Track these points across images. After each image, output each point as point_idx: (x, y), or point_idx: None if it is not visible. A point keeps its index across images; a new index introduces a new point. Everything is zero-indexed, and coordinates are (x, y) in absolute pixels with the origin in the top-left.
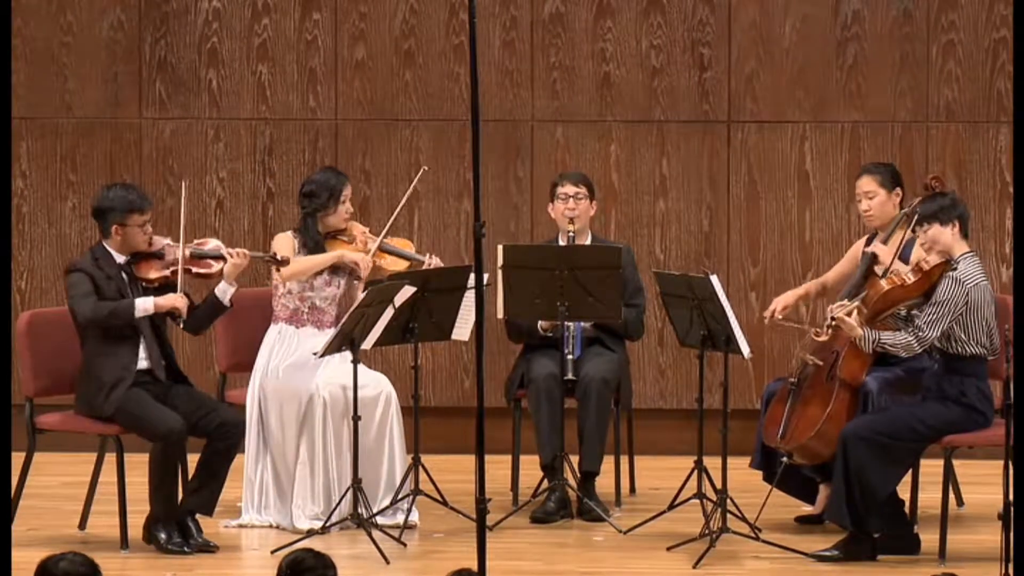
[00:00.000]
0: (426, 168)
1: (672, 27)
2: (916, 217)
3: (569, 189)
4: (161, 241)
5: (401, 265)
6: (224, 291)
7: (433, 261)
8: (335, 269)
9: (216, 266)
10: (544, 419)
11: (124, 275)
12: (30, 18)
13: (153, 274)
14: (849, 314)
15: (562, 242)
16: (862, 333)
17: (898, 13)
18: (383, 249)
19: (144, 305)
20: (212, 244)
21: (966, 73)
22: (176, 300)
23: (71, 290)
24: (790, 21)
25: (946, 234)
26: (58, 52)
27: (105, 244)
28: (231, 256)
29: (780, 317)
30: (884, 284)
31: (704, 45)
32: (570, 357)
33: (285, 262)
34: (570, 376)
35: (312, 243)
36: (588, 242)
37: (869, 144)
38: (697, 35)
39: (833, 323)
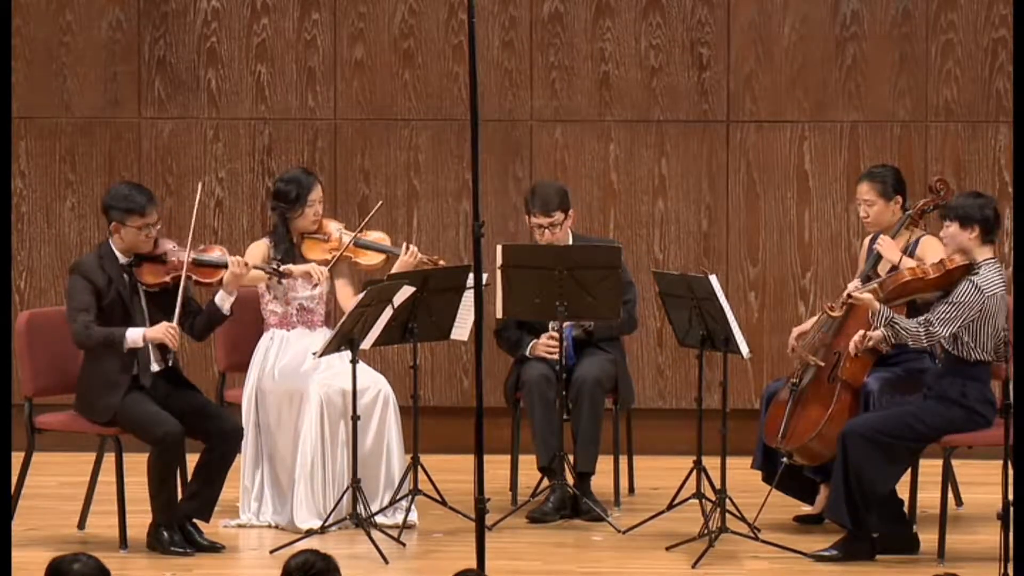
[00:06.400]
0: (381, 203)
1: (671, 27)
2: (944, 208)
3: (543, 220)
4: (166, 245)
5: (377, 259)
6: (223, 300)
7: (411, 250)
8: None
9: (220, 274)
10: (539, 422)
11: (125, 276)
12: (30, 18)
13: (151, 279)
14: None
15: None
16: (878, 306)
17: (898, 12)
18: (358, 244)
19: (134, 337)
20: (216, 252)
21: (965, 73)
22: (163, 335)
23: (69, 298)
24: (789, 21)
25: (963, 237)
26: (57, 52)
27: (110, 242)
28: (232, 265)
29: (797, 346)
30: (905, 273)
31: (703, 45)
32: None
33: (287, 274)
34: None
35: (285, 246)
36: (569, 244)
37: (868, 144)
38: (696, 35)
39: (848, 299)
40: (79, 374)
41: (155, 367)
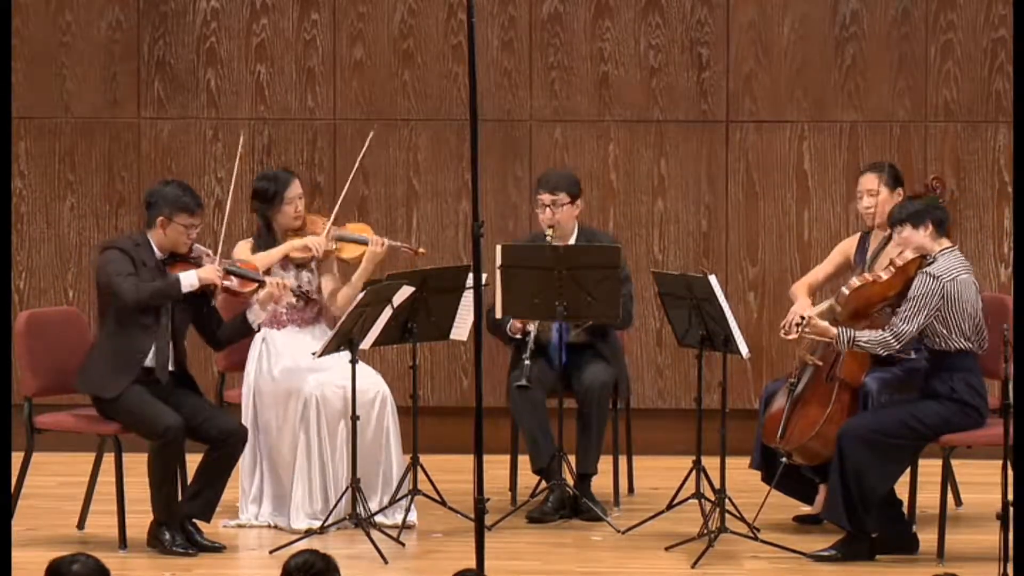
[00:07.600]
0: (373, 133)
1: (671, 27)
2: (890, 220)
3: (545, 198)
4: (201, 250)
5: (357, 251)
6: (256, 315)
7: (384, 240)
8: (299, 265)
9: (248, 287)
10: (528, 425)
11: (157, 270)
12: (29, 18)
13: None
14: (822, 315)
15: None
16: (835, 332)
17: (897, 13)
18: (338, 238)
19: (189, 280)
20: (247, 264)
21: (964, 73)
22: (215, 274)
23: (110, 266)
24: (788, 21)
25: (918, 235)
26: (57, 52)
27: (148, 235)
28: (271, 285)
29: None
30: (856, 282)
31: (702, 45)
32: (528, 361)
33: (313, 297)
34: (524, 383)
35: (269, 247)
36: (573, 241)
37: (868, 144)
38: (695, 35)
39: (804, 331)
40: (89, 353)
41: (170, 367)
